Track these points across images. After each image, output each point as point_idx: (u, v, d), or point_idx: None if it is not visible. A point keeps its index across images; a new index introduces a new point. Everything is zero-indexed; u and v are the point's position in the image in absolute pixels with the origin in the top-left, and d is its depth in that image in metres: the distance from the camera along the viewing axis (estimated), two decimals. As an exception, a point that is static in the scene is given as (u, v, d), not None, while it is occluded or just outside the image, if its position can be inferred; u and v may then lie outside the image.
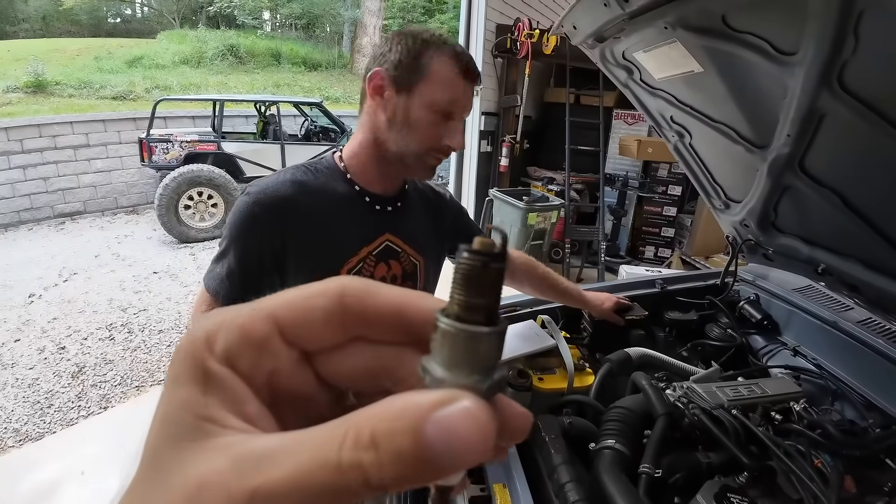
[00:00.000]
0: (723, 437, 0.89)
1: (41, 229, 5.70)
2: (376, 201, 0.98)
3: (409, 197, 1.06)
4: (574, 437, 0.96)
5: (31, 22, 15.24)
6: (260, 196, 0.87)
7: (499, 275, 0.19)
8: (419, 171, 0.94)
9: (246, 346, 0.18)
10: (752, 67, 0.85)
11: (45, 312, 3.66)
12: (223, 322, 0.19)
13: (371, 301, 0.20)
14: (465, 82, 0.88)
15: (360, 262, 0.94)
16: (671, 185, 4.41)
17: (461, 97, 0.89)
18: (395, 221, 1.00)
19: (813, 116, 0.86)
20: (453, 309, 0.18)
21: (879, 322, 1.25)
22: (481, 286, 0.18)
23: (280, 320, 0.19)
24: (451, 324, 0.18)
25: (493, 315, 0.19)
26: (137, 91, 9.43)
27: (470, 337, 0.18)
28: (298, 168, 0.95)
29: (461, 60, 0.88)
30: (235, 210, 0.88)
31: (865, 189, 0.95)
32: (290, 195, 0.88)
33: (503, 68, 4.57)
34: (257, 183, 0.90)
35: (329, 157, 0.98)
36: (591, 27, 1.00)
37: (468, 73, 0.88)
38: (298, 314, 0.19)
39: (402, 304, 0.20)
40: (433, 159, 0.93)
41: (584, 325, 1.38)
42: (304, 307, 0.19)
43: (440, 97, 0.86)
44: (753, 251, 1.39)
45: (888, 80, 0.71)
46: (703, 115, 1.10)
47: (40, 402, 2.69)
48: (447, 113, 0.88)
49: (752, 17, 0.76)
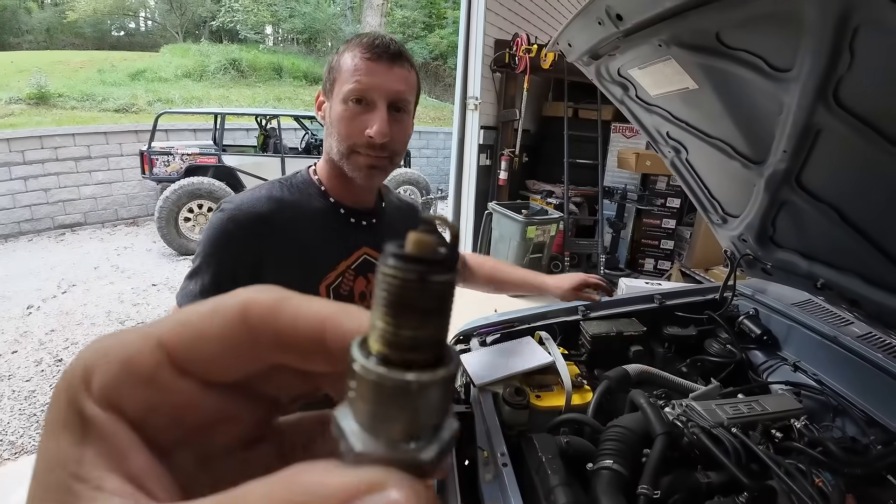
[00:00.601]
0: (722, 458, 0.88)
1: (41, 240, 5.70)
2: (352, 214, 0.95)
3: (387, 210, 1.03)
4: (572, 457, 0.94)
5: (35, 34, 15.43)
6: (235, 212, 0.85)
7: (446, 292, 0.14)
8: (355, 172, 0.89)
9: (130, 383, 0.15)
10: (747, 84, 0.85)
11: (42, 324, 3.64)
12: (103, 353, 0.15)
13: (283, 320, 0.16)
14: (373, 63, 0.83)
15: (338, 276, 0.92)
16: (670, 198, 4.42)
17: (371, 79, 0.83)
18: (373, 234, 0.98)
19: (809, 132, 0.86)
20: (377, 344, 0.13)
21: (880, 337, 1.24)
22: (419, 310, 0.13)
23: (171, 348, 0.15)
24: (373, 369, 0.13)
25: (438, 352, 0.14)
26: (140, 104, 9.51)
27: (401, 389, 0.13)
28: (274, 184, 0.92)
29: (366, 43, 0.84)
30: (210, 226, 0.86)
31: (863, 204, 0.95)
32: (266, 211, 0.86)
33: (502, 83, 4.61)
34: (232, 199, 0.88)
35: (304, 172, 0.97)
36: (587, 45, 1.01)
37: (374, 52, 0.83)
38: (191, 340, 0.15)
39: (321, 324, 0.16)
40: (362, 157, 0.87)
41: (582, 341, 1.37)
42: (198, 331, 0.16)
43: (348, 86, 0.83)
44: (752, 266, 1.38)
45: (884, 96, 0.71)
46: (698, 132, 1.10)
47: (37, 414, 2.67)
48: (359, 99, 0.84)
49: (747, 34, 0.76)
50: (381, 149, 0.87)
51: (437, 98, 14.59)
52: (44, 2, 17.08)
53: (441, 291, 0.13)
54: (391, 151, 0.89)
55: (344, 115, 0.85)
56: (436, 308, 0.13)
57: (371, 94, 0.84)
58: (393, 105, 0.86)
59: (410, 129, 0.93)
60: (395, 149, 0.90)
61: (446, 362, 0.14)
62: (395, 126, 0.87)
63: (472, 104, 4.31)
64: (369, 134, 0.84)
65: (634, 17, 0.82)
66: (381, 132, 0.84)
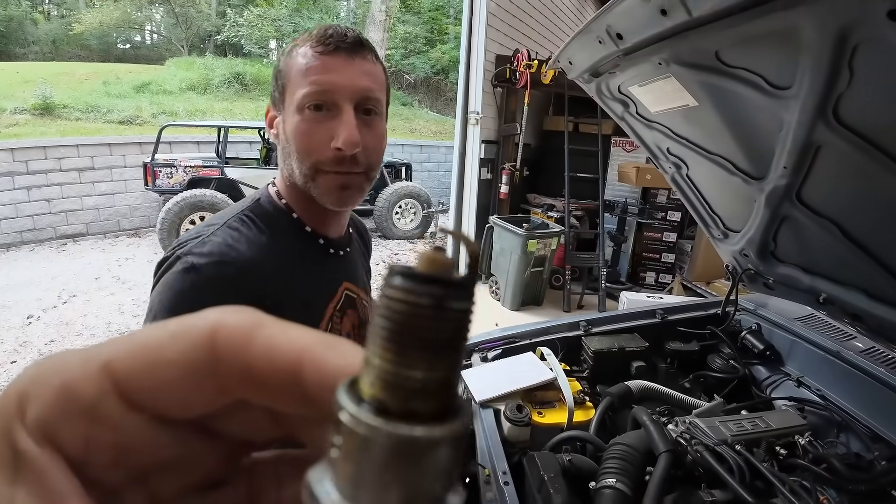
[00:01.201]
0: (726, 476, 0.87)
1: (42, 250, 5.71)
2: (330, 244, 0.80)
3: (352, 235, 0.89)
4: (574, 475, 0.93)
5: (41, 45, 15.64)
6: (203, 267, 0.64)
7: (463, 322, 0.11)
8: (325, 196, 0.72)
9: (67, 414, 0.12)
10: (746, 101, 0.86)
11: (42, 334, 3.63)
12: (40, 377, 0.13)
13: (255, 350, 0.13)
14: (329, 58, 0.67)
15: (328, 321, 0.77)
16: (670, 211, 4.43)
17: (329, 77, 0.67)
18: (349, 265, 0.84)
19: (809, 149, 0.87)
20: (372, 388, 0.11)
21: (883, 351, 1.23)
22: (431, 344, 0.11)
23: (119, 374, 0.13)
24: (365, 420, 0.10)
25: (448, 400, 0.11)
26: (144, 116, 9.60)
27: (402, 447, 0.10)
28: (241, 220, 0.73)
29: (318, 36, 0.69)
30: (169, 288, 0.64)
31: (864, 219, 0.95)
32: (248, 260, 0.67)
33: (503, 97, 4.65)
34: (190, 248, 0.66)
35: (267, 196, 0.78)
36: (587, 63, 1.02)
37: (328, 45, 0.67)
38: (145, 365, 0.13)
39: (298, 356, 0.13)
40: (331, 176, 0.70)
41: (584, 356, 1.36)
42: (155, 355, 0.13)
43: (302, 90, 0.67)
44: (754, 280, 1.38)
45: (884, 113, 0.72)
46: (699, 148, 1.11)
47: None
48: (318, 105, 0.68)
49: (746, 52, 0.77)
50: (353, 162, 0.70)
51: (438, 112, 14.73)
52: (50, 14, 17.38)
53: (459, 321, 0.11)
54: (366, 165, 0.73)
55: (301, 127, 0.68)
56: (450, 342, 0.11)
57: (332, 97, 0.68)
58: (361, 107, 0.70)
59: (384, 136, 0.76)
60: (370, 161, 0.73)
61: (458, 413, 0.11)
62: (366, 132, 0.71)
63: (474, 118, 4.35)
64: (336, 145, 0.68)
65: (634, 36, 0.83)
66: (351, 140, 0.68)
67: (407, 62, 15.53)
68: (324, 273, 0.78)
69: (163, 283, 0.65)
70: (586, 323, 1.43)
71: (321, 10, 15.69)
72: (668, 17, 0.71)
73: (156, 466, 0.14)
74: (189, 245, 0.67)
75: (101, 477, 0.13)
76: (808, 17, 0.64)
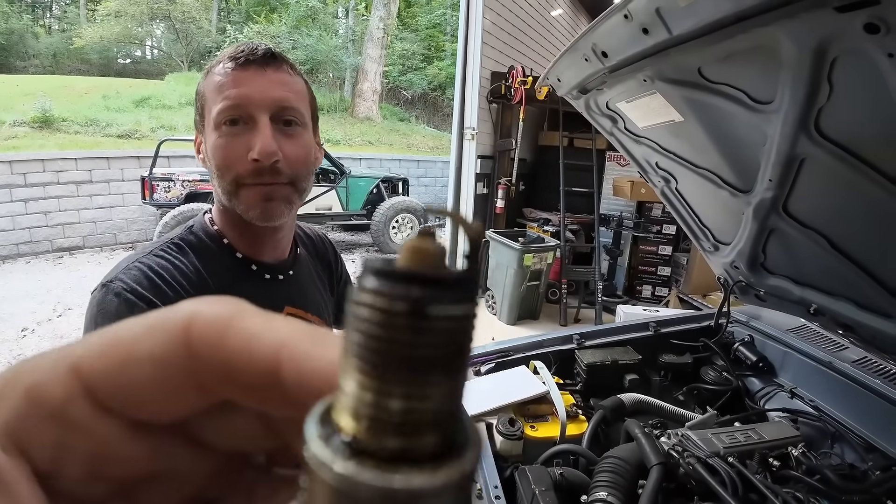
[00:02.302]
0: (718, 489, 0.86)
1: (39, 263, 5.69)
2: (265, 269, 0.78)
3: (300, 254, 0.86)
4: (566, 489, 0.92)
5: (41, 58, 15.77)
6: (131, 289, 0.63)
7: (459, 331, 0.09)
8: (250, 211, 0.70)
9: (34, 419, 0.11)
10: (730, 116, 0.88)
11: (37, 347, 3.59)
12: (10, 381, 0.12)
13: (232, 343, 0.12)
14: (241, 71, 0.67)
15: None
16: (665, 225, 4.45)
17: (241, 90, 0.66)
18: (294, 287, 0.81)
19: (793, 161, 0.88)
20: (345, 419, 0.09)
21: (876, 361, 1.23)
22: (416, 363, 0.08)
23: (87, 375, 0.12)
24: (330, 463, 0.08)
25: (445, 434, 0.09)
26: (143, 130, 9.64)
27: (379, 501, 0.08)
28: (167, 247, 0.72)
29: (230, 54, 0.69)
30: (95, 305, 0.64)
31: (850, 230, 0.96)
32: (169, 286, 0.66)
33: (498, 113, 4.71)
34: (116, 275, 0.66)
35: (200, 222, 0.78)
36: (575, 80, 1.04)
37: (239, 61, 0.67)
38: (116, 364, 0.12)
39: (276, 352, 0.12)
40: (252, 189, 0.69)
41: (577, 370, 1.36)
42: (126, 353, 0.12)
43: (216, 106, 0.67)
44: (745, 292, 1.39)
45: (865, 125, 0.73)
46: (686, 162, 1.12)
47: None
48: (234, 120, 0.67)
49: (727, 69, 0.79)
50: (275, 173, 0.69)
51: (435, 128, 14.86)
52: (51, 28, 17.56)
53: (451, 332, 0.08)
54: (290, 176, 0.71)
55: (219, 143, 0.68)
56: (442, 360, 0.08)
57: (246, 109, 0.67)
58: (278, 117, 0.69)
59: (310, 147, 0.74)
60: (295, 172, 0.71)
61: (459, 453, 0.08)
62: (285, 142, 0.69)
63: (470, 134, 4.40)
64: (252, 156, 0.66)
65: (619, 54, 0.85)
66: (267, 150, 0.66)
67: (404, 78, 15.72)
68: (259, 299, 0.72)
69: (91, 303, 0.65)
70: (579, 336, 1.42)
71: (320, 27, 15.91)
72: (649, 35, 0.73)
73: (139, 479, 0.13)
74: (115, 273, 0.66)
75: (77, 490, 0.12)
76: (786, 32, 0.65)
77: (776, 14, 0.61)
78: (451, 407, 0.09)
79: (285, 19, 15.47)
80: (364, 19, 15.92)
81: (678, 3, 0.62)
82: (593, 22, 0.81)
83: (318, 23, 16.15)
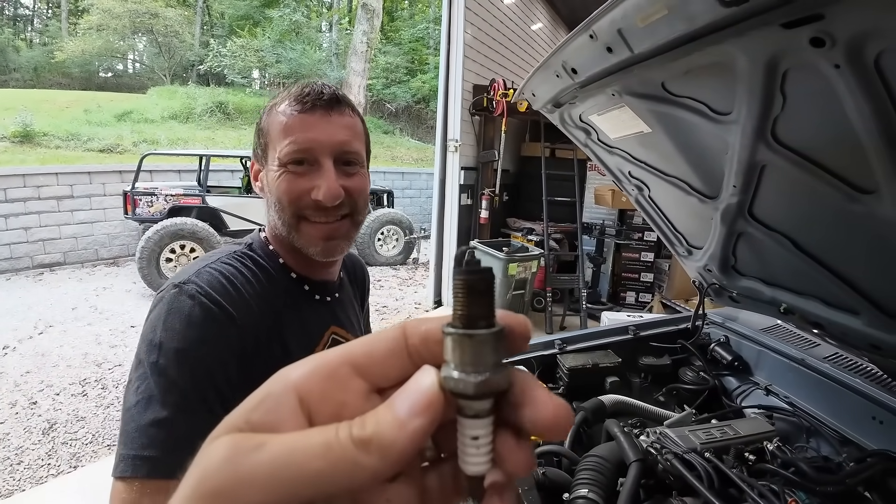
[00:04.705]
0: (695, 483, 0.89)
1: (19, 279, 5.58)
2: (316, 290, 0.82)
3: (343, 280, 0.92)
4: (548, 488, 0.94)
5: (22, 72, 15.56)
6: (205, 297, 0.66)
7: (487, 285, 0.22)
8: (310, 247, 0.75)
9: (315, 376, 0.21)
10: (694, 127, 0.93)
11: (18, 365, 3.53)
12: (306, 361, 0.22)
13: (421, 329, 0.22)
14: (307, 115, 0.71)
15: None
16: (647, 232, 4.55)
17: (308, 134, 0.71)
18: (338, 308, 0.85)
19: (754, 168, 0.93)
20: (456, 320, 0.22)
21: (847, 357, 1.27)
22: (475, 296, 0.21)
23: (351, 356, 0.22)
24: (456, 331, 0.21)
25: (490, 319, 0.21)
26: (125, 144, 9.55)
27: (473, 339, 0.20)
28: (233, 257, 0.75)
29: (295, 94, 0.73)
30: (166, 305, 0.65)
31: (813, 231, 1.00)
32: (237, 294, 0.69)
33: (480, 125, 4.79)
34: (191, 278, 0.68)
35: (258, 240, 0.81)
36: (548, 95, 1.08)
37: (305, 103, 0.71)
38: (366, 348, 0.22)
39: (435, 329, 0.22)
40: (314, 227, 0.74)
41: (559, 374, 1.39)
42: (372, 343, 0.22)
43: (283, 148, 0.71)
44: (719, 294, 1.43)
45: (818, 131, 0.78)
46: (657, 171, 1.17)
47: (10, 458, 2.57)
48: (299, 160, 0.71)
49: (689, 83, 0.84)
50: (336, 210, 0.74)
51: (419, 140, 14.98)
52: (33, 41, 17.35)
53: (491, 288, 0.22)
54: (350, 208, 0.76)
55: (284, 179, 0.71)
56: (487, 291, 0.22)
57: (312, 153, 0.71)
58: (340, 160, 0.74)
59: (366, 181, 0.79)
60: (355, 205, 0.77)
61: (494, 325, 0.21)
62: (346, 181, 0.74)
63: (453, 146, 4.46)
64: (317, 198, 0.71)
65: (587, 70, 0.90)
66: (332, 194, 0.71)
67: (388, 91, 15.83)
68: (309, 318, 0.80)
69: (161, 302, 0.67)
70: (561, 341, 1.46)
71: (303, 41, 16.00)
72: (613, 53, 0.77)
73: None
74: (188, 275, 0.69)
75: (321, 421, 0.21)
76: (739, 49, 0.70)
77: (727, 32, 0.65)
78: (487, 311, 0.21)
79: (269, 33, 15.51)
80: (348, 33, 16.06)
81: (637, 23, 0.66)
82: (562, 41, 0.86)
83: (302, 37, 16.24)
